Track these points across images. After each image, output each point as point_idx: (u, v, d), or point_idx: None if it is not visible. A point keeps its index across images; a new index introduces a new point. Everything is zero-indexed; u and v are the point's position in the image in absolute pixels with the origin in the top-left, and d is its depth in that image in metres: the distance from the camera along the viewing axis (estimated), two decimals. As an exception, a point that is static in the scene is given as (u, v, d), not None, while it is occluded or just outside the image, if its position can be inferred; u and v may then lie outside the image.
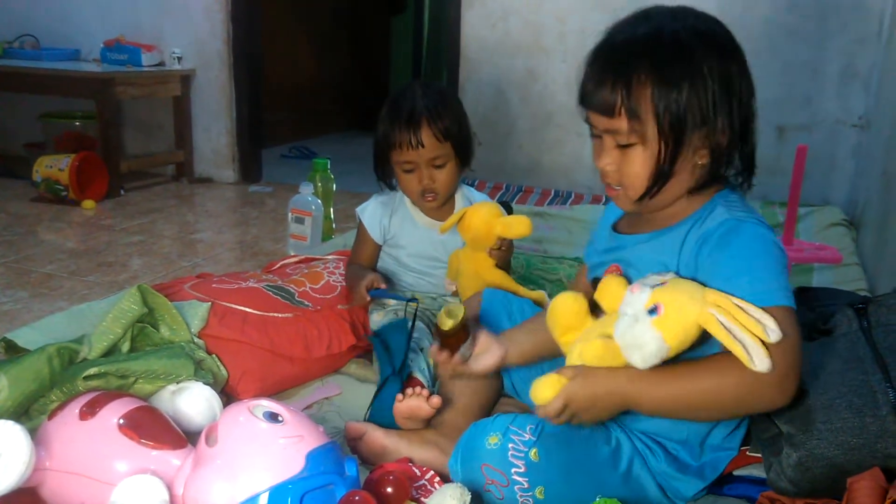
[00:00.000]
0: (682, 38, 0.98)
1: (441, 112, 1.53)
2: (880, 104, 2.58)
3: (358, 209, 1.71)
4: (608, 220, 1.19)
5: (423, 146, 1.52)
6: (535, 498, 1.01)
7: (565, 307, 1.07)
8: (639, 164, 1.01)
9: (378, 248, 1.70)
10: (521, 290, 1.53)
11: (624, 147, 1.01)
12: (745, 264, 0.95)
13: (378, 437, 1.20)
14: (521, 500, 1.02)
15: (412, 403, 1.23)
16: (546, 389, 0.97)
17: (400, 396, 1.25)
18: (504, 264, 1.57)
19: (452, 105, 1.58)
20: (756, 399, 0.93)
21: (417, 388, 1.25)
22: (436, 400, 1.23)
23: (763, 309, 0.90)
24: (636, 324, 0.94)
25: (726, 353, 0.91)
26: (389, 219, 1.67)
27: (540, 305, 1.51)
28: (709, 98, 0.97)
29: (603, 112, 1.00)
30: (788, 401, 0.93)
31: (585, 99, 1.04)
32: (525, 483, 1.01)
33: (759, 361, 0.88)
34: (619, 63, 0.99)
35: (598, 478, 1.04)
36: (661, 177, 1.00)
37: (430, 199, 1.59)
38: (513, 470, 1.02)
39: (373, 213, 1.68)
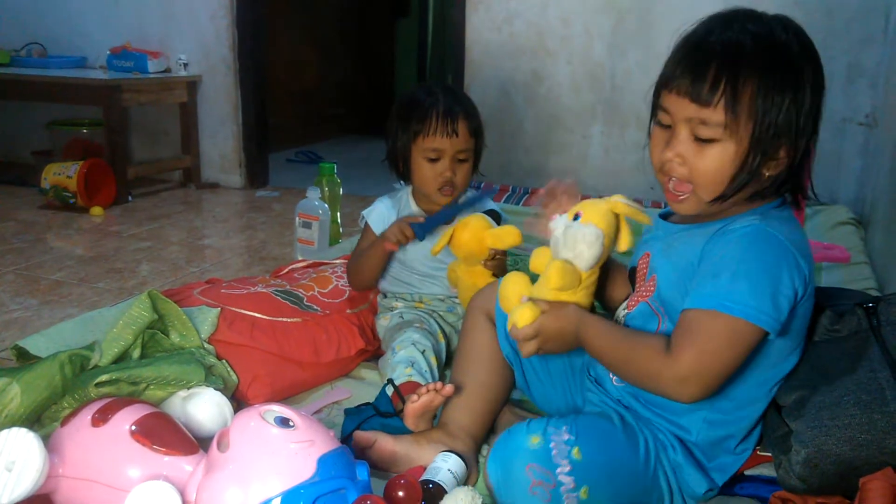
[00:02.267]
0: (794, 50, 0.99)
1: (472, 111, 1.60)
2: (887, 102, 2.57)
3: (364, 212, 1.71)
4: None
5: (457, 135, 1.55)
6: (579, 498, 1.01)
7: (514, 286, 1.16)
8: (720, 162, 0.99)
9: None
10: None
11: (704, 142, 0.99)
12: (735, 266, 0.96)
13: (388, 443, 1.20)
14: (566, 500, 1.01)
15: (425, 399, 1.24)
16: (526, 316, 1.08)
17: (414, 397, 1.25)
18: (500, 272, 1.55)
19: (476, 109, 1.64)
20: (654, 385, 1.02)
21: (423, 389, 1.26)
22: (448, 388, 1.24)
23: (707, 311, 0.96)
24: (570, 229, 1.11)
25: (659, 337, 1.02)
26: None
27: None
28: (802, 113, 0.98)
29: (696, 98, 0.97)
30: (690, 401, 0.99)
31: (673, 81, 1.00)
32: (571, 483, 1.01)
33: None
34: (727, 55, 0.97)
35: (634, 474, 1.05)
36: (742, 180, 0.99)
37: (448, 192, 1.60)
38: (558, 470, 1.01)
39: (379, 214, 1.67)
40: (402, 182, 1.69)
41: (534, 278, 1.18)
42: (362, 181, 3.22)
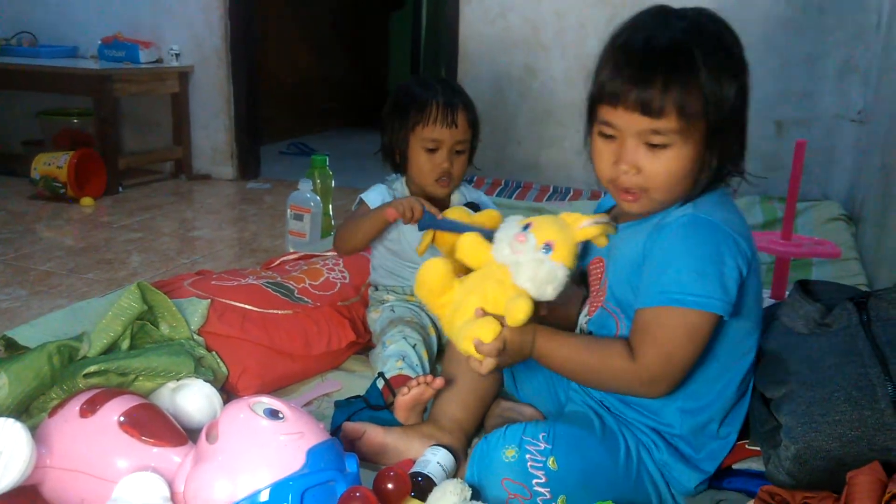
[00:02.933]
0: (727, 38, 0.99)
1: (469, 103, 1.61)
2: (879, 98, 2.58)
3: (361, 195, 1.66)
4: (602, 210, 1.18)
5: (456, 126, 1.55)
6: None
7: (434, 273, 1.12)
8: (673, 164, 0.98)
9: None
10: None
11: (656, 147, 0.98)
12: (678, 259, 0.98)
13: (378, 434, 1.20)
14: None
15: (416, 392, 1.24)
16: (489, 332, 1.03)
17: (405, 390, 1.25)
18: None
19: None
20: (626, 388, 1.05)
21: (414, 382, 1.26)
22: (439, 381, 1.25)
23: (661, 308, 0.98)
24: (542, 265, 1.03)
25: (619, 342, 1.03)
26: None
27: None
28: (744, 98, 0.99)
29: (647, 111, 0.95)
30: (661, 396, 1.03)
31: (618, 96, 0.97)
32: (547, 494, 1.01)
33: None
34: (669, 60, 0.95)
35: (614, 481, 1.05)
36: (705, 178, 1.00)
37: (444, 183, 1.60)
38: (534, 481, 1.01)
39: (377, 195, 1.64)
40: (396, 174, 1.68)
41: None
42: (354, 174, 3.21)
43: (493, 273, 1.07)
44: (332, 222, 2.59)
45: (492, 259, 1.08)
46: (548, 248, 1.04)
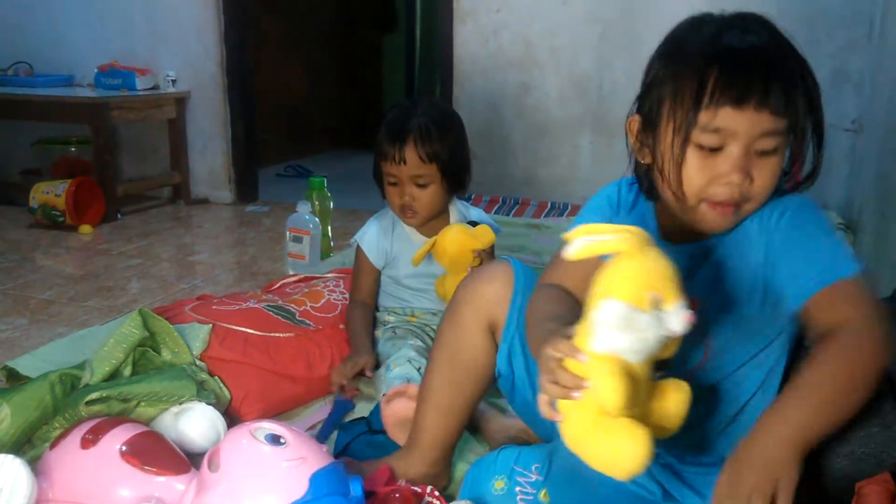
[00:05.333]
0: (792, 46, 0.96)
1: (432, 134, 1.53)
2: (873, 107, 2.59)
3: (356, 237, 1.69)
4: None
5: (405, 163, 1.53)
6: None
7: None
8: (777, 170, 0.93)
9: (379, 273, 1.69)
10: None
11: (764, 154, 0.91)
12: (824, 234, 0.94)
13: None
14: None
15: (397, 407, 1.23)
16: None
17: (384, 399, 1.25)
18: None
19: (450, 129, 1.58)
20: (877, 370, 0.85)
21: (392, 390, 1.26)
22: (412, 388, 1.24)
23: (843, 280, 0.89)
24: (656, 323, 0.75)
25: (824, 345, 0.86)
26: (390, 242, 1.66)
27: None
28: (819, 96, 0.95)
29: (775, 109, 0.88)
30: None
31: (734, 99, 0.88)
32: None
33: None
34: (773, 63, 0.90)
35: None
36: (787, 180, 0.96)
37: (409, 215, 1.60)
38: None
39: (371, 239, 1.67)
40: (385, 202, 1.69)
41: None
42: (352, 195, 3.21)
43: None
44: (332, 244, 2.59)
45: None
46: (657, 304, 0.75)
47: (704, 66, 0.89)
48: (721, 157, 0.90)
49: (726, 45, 0.90)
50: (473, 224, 1.59)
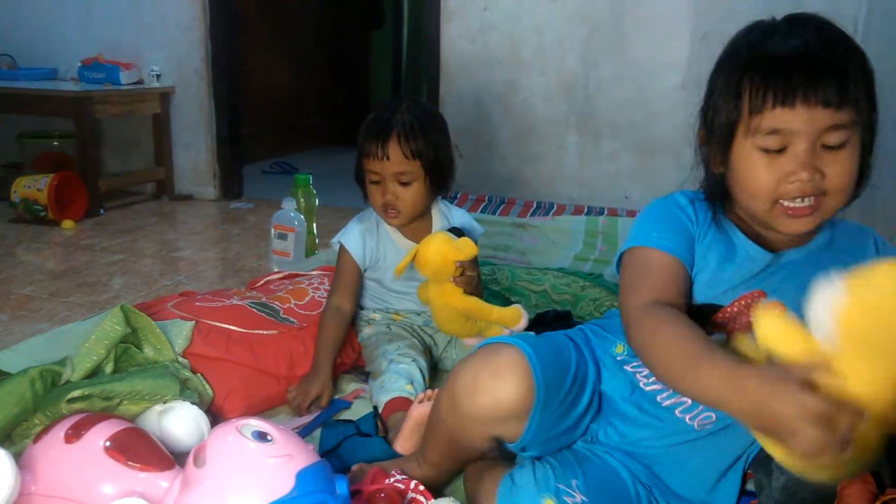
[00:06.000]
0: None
1: (416, 131, 1.51)
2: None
3: (339, 238, 1.64)
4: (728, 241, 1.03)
5: (388, 159, 1.50)
6: None
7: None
8: (853, 163, 0.92)
9: (361, 275, 1.64)
10: (494, 312, 1.49)
11: (833, 149, 0.91)
12: None
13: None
14: None
15: (425, 409, 1.21)
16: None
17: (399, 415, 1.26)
18: (475, 289, 1.52)
19: (434, 128, 1.55)
20: None
21: (430, 392, 1.28)
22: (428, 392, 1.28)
23: None
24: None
25: None
26: (375, 241, 1.62)
27: (513, 323, 1.50)
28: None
29: (828, 104, 0.88)
30: None
31: (794, 97, 0.89)
32: None
33: None
34: (817, 59, 0.90)
35: None
36: (864, 173, 0.95)
37: (392, 215, 1.56)
38: None
39: (355, 237, 1.62)
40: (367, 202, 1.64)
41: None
42: (338, 192, 3.20)
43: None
44: (317, 241, 2.58)
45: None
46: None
47: (749, 72, 0.92)
48: (786, 157, 0.92)
49: (769, 50, 0.92)
50: (457, 231, 1.55)
